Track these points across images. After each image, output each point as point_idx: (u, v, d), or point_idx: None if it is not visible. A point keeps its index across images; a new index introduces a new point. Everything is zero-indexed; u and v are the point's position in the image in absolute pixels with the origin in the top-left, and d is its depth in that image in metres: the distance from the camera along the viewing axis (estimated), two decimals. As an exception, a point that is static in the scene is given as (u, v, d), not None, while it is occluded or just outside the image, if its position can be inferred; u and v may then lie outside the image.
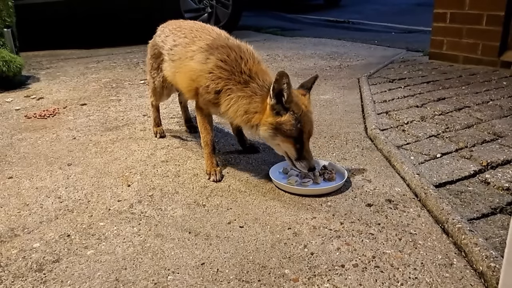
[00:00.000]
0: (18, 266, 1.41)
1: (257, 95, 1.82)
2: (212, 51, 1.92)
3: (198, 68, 1.92)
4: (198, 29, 2.11)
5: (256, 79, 1.84)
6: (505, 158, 2.08)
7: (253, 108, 1.83)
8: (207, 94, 1.91)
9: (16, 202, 1.83)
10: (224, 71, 1.86)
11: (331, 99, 3.27)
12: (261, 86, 1.83)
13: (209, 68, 1.89)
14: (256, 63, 1.90)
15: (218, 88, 1.87)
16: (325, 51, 5.38)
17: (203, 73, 1.90)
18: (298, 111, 1.78)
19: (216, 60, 1.88)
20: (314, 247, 1.49)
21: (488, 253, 1.33)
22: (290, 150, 1.82)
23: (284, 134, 1.78)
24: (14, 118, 2.98)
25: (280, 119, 1.77)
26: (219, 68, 1.87)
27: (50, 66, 4.83)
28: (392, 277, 1.33)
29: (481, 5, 3.98)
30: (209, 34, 2.05)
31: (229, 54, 1.89)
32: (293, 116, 1.76)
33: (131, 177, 2.05)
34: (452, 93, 3.23)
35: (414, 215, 1.66)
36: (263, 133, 1.82)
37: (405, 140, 2.38)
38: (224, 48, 1.92)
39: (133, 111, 3.11)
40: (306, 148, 1.82)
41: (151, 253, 1.47)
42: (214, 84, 1.88)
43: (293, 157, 1.83)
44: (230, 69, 1.86)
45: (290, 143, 1.80)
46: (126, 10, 6.23)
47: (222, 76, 1.86)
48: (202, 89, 1.92)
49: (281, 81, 1.70)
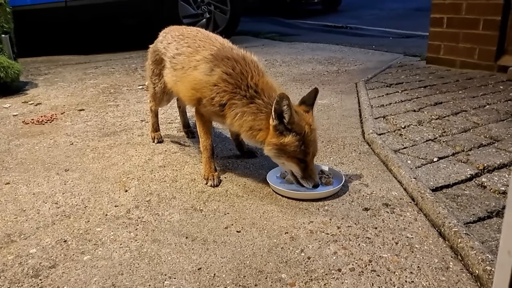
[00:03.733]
0: (14, 272, 1.41)
1: (262, 113, 1.81)
2: (217, 63, 1.89)
3: (203, 79, 1.90)
4: (201, 38, 2.08)
5: (262, 95, 1.83)
6: (501, 162, 2.08)
7: (257, 126, 1.82)
8: (212, 106, 1.90)
9: (13, 208, 1.83)
10: (229, 85, 1.85)
11: (329, 103, 3.28)
12: (266, 103, 1.81)
13: (214, 81, 1.87)
14: (261, 77, 1.88)
15: (223, 102, 1.86)
16: (323, 56, 5.41)
17: (207, 85, 1.88)
18: (301, 132, 1.76)
19: (221, 73, 1.86)
20: (311, 251, 1.49)
21: (484, 256, 1.33)
22: (295, 169, 1.83)
23: (288, 154, 1.79)
24: (12, 123, 2.98)
25: (284, 140, 1.76)
26: (224, 81, 1.85)
27: (48, 72, 4.84)
28: (389, 281, 1.33)
29: (477, 10, 4.00)
30: (212, 44, 2.03)
31: (234, 67, 1.87)
32: (296, 137, 1.76)
33: (129, 183, 2.05)
34: (449, 98, 3.24)
35: (411, 219, 1.66)
36: (268, 152, 1.83)
37: (402, 144, 2.39)
38: (229, 60, 1.89)
39: (131, 116, 3.12)
40: (310, 167, 1.82)
41: (148, 258, 1.47)
42: (219, 97, 1.86)
43: (298, 175, 1.84)
44: (235, 83, 1.84)
45: (295, 162, 1.81)
46: (124, 16, 6.27)
47: (227, 89, 1.85)
48: (206, 100, 1.90)
49: (281, 103, 1.70)
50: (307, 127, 1.78)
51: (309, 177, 1.82)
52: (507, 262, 0.59)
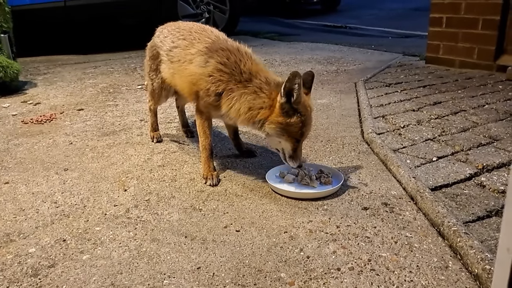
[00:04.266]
0: (13, 271, 1.41)
1: (262, 91, 1.83)
2: (212, 54, 1.93)
3: (198, 71, 1.94)
4: (197, 31, 2.12)
5: (258, 77, 1.86)
6: (500, 161, 2.09)
7: (258, 104, 1.83)
8: (208, 97, 1.92)
9: (12, 207, 1.83)
10: (224, 74, 1.87)
11: (328, 103, 3.28)
12: (265, 82, 1.84)
13: (209, 71, 1.90)
14: (254, 64, 1.92)
15: (219, 91, 1.89)
16: (322, 56, 5.41)
17: (203, 77, 1.92)
18: (305, 113, 1.80)
19: (215, 63, 1.89)
20: (310, 250, 1.49)
21: (483, 255, 1.33)
22: (288, 148, 1.86)
23: (289, 134, 1.81)
24: (11, 123, 2.98)
25: (290, 120, 1.78)
26: (219, 71, 1.88)
27: (47, 71, 4.84)
28: (388, 280, 1.33)
29: (476, 9, 4.00)
30: (208, 36, 2.06)
31: (228, 57, 1.90)
32: (300, 119, 1.79)
33: (128, 182, 2.05)
34: (448, 97, 3.24)
35: (410, 218, 1.66)
36: (270, 131, 1.83)
37: (401, 143, 2.39)
38: (223, 51, 1.92)
39: (130, 116, 3.12)
40: (300, 147, 1.88)
41: (147, 258, 1.47)
42: (215, 87, 1.89)
43: (288, 154, 1.87)
44: (230, 72, 1.87)
45: (291, 142, 1.83)
46: (124, 16, 6.26)
47: (222, 79, 1.88)
48: (203, 92, 1.93)
49: (294, 81, 1.72)
50: (309, 109, 1.83)
51: (296, 157, 1.86)
52: (507, 259, 0.59)
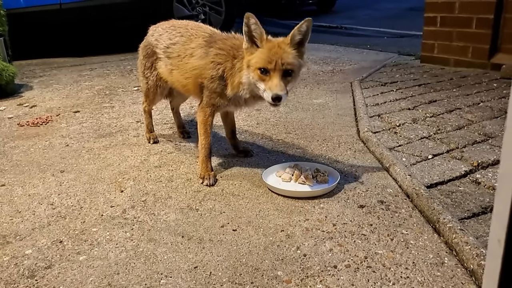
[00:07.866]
0: (10, 273, 1.41)
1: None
2: (211, 44, 2.03)
3: (201, 62, 2.03)
4: (193, 27, 2.20)
5: None
6: (495, 158, 2.10)
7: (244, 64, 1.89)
8: (213, 83, 1.99)
9: (8, 210, 1.82)
10: (222, 56, 1.97)
11: (324, 103, 3.29)
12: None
13: (210, 59, 1.99)
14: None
15: (220, 74, 1.96)
16: (318, 56, 5.42)
17: (205, 65, 2.01)
18: (268, 45, 1.81)
19: (215, 51, 1.99)
20: (306, 248, 1.49)
21: (479, 251, 1.34)
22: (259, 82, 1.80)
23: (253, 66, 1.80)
24: (7, 126, 2.97)
25: (251, 56, 1.82)
26: (217, 55, 1.98)
27: (43, 74, 4.83)
28: (384, 277, 1.33)
29: (470, 8, 4.03)
30: (204, 31, 2.15)
31: (225, 43, 2.00)
32: (262, 50, 1.80)
33: (124, 183, 2.05)
34: (443, 96, 3.26)
35: (406, 216, 1.67)
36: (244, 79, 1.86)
37: (397, 142, 2.40)
38: (221, 40, 2.03)
39: (126, 117, 3.11)
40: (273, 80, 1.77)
41: (143, 258, 1.47)
42: (215, 71, 1.98)
43: (261, 88, 1.80)
44: (227, 53, 1.96)
45: (257, 74, 1.80)
46: (119, 18, 6.25)
47: (220, 61, 1.97)
48: (207, 80, 2.00)
49: (248, 22, 1.79)
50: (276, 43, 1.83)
51: (268, 89, 1.77)
52: (498, 251, 0.59)
